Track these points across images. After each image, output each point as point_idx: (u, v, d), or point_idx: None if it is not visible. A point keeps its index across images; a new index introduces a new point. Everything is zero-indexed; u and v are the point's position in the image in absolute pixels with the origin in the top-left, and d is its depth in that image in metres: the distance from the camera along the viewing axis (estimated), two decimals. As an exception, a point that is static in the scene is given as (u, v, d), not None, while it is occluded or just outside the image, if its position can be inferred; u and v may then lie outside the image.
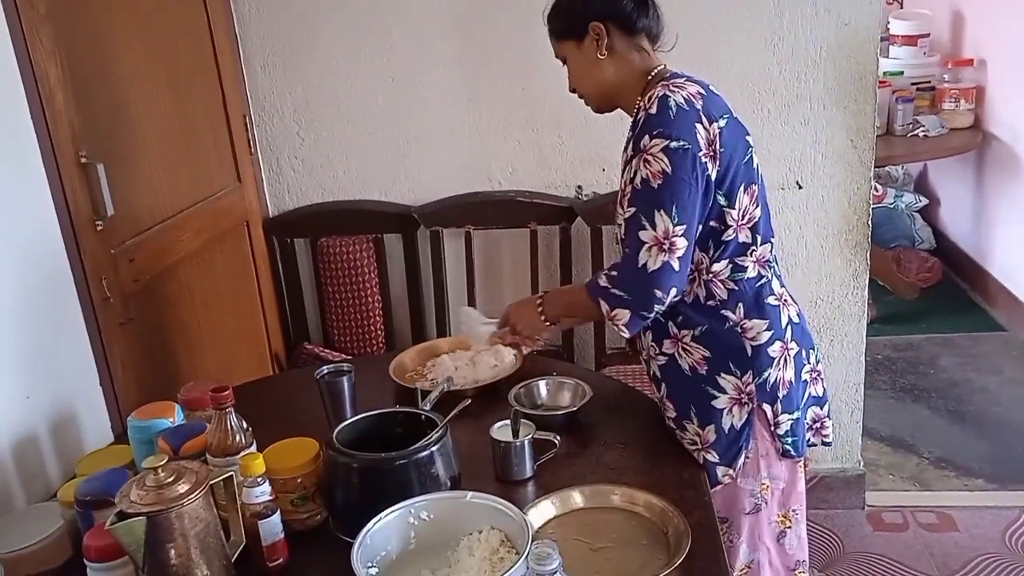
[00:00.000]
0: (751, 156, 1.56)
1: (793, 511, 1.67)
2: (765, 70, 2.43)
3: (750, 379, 1.56)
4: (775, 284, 1.60)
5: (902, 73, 4.16)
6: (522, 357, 1.90)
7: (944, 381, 3.53)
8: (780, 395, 1.57)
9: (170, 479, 1.13)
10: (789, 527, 1.67)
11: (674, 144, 1.44)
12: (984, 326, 3.97)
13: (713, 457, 1.58)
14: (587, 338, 2.75)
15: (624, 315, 1.51)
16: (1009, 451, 3.03)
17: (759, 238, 1.57)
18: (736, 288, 1.56)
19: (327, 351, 2.75)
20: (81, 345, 1.76)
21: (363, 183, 2.72)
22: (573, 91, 1.67)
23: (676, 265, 1.47)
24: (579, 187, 2.65)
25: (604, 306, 1.53)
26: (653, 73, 1.58)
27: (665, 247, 1.46)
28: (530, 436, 1.51)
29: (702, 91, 1.52)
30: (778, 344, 1.57)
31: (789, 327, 1.60)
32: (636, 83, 1.59)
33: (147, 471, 1.13)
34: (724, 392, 1.57)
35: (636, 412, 1.74)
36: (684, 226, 1.46)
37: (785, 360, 1.58)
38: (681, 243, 1.47)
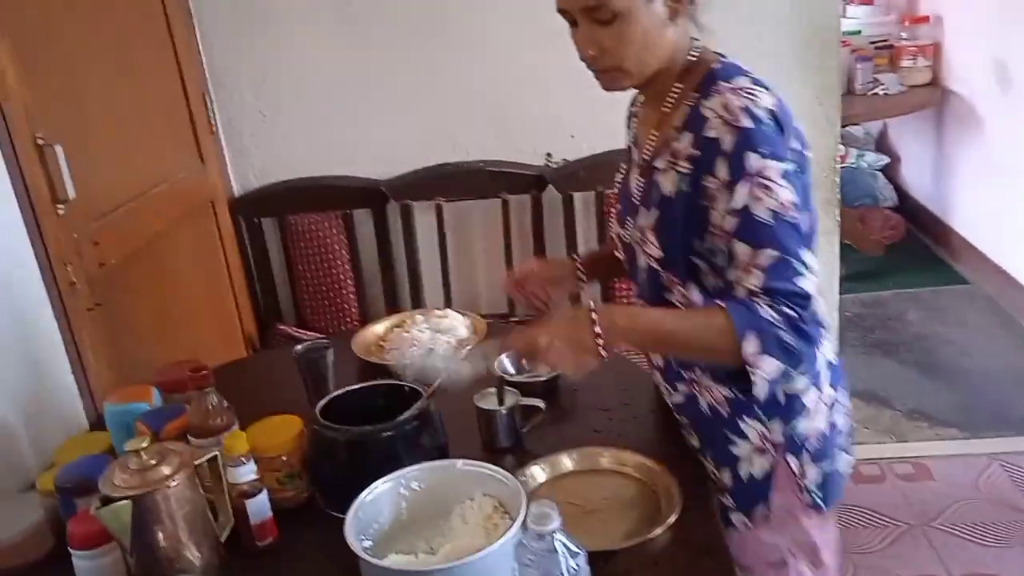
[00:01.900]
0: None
1: (824, 566, 1.41)
2: (726, 27, 2.41)
3: (778, 427, 1.31)
4: (821, 310, 1.22)
5: (860, 32, 4.18)
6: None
7: (913, 335, 3.59)
8: (811, 448, 1.33)
9: (154, 461, 1.10)
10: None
11: (790, 168, 1.16)
12: (949, 280, 4.04)
13: (728, 502, 1.37)
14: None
15: (772, 368, 1.12)
16: (978, 400, 3.10)
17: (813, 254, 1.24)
18: None
19: (301, 331, 2.72)
20: (50, 333, 1.72)
21: (328, 159, 2.68)
22: (592, 59, 1.25)
23: None
24: (548, 154, 2.63)
25: (752, 345, 1.11)
26: (696, 53, 1.28)
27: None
28: (515, 403, 1.50)
29: (777, 100, 1.21)
30: (813, 392, 1.32)
31: (826, 369, 1.34)
32: (681, 60, 1.28)
33: (130, 454, 1.10)
34: (745, 438, 1.33)
35: (620, 375, 1.73)
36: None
37: (818, 408, 1.33)
38: None
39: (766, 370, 1.12)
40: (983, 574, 2.30)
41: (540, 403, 1.54)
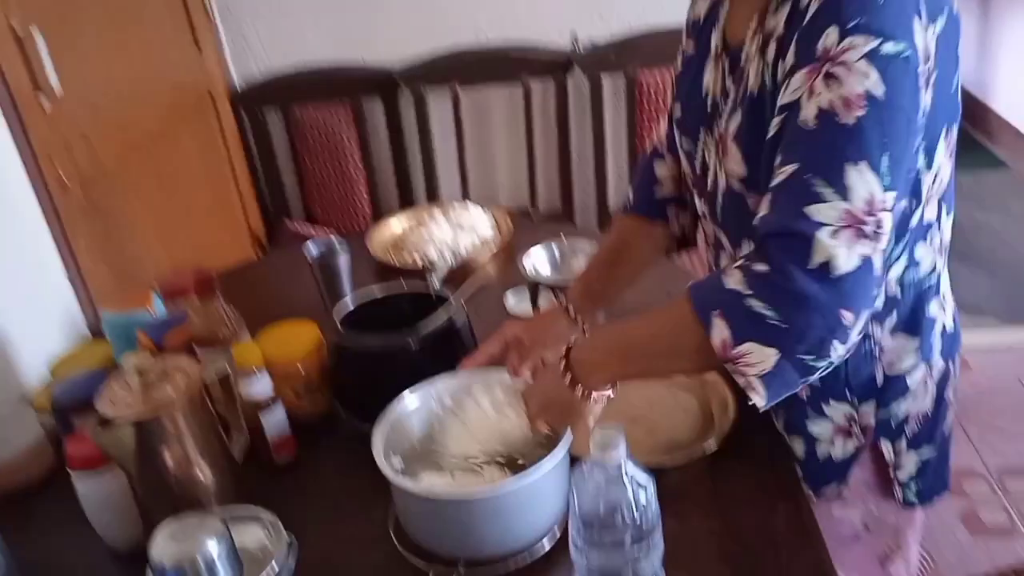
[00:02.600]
0: (959, 78, 0.92)
1: (907, 548, 1.20)
2: None
3: (870, 410, 1.06)
4: (944, 277, 1.03)
5: None
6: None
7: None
8: (909, 433, 1.08)
9: (157, 379, 0.99)
10: (897, 551, 1.20)
11: (889, 48, 0.77)
12: (988, 164, 3.84)
13: (797, 471, 1.13)
14: (587, 199, 2.59)
15: (762, 359, 0.79)
16: (1018, 289, 2.97)
17: (945, 209, 0.99)
18: (899, 293, 0.99)
19: (310, 227, 2.59)
20: (41, 236, 1.59)
21: (336, 45, 2.48)
22: None
23: (879, 263, 0.79)
24: (575, 37, 2.42)
25: (721, 333, 0.80)
26: None
27: (867, 229, 0.77)
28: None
29: None
30: (922, 368, 1.04)
31: (939, 338, 1.05)
32: None
33: (130, 371, 0.98)
34: (827, 419, 1.07)
35: (661, 276, 1.58)
36: (895, 192, 0.79)
37: (926, 387, 1.06)
38: (888, 222, 0.79)
39: (753, 363, 0.79)
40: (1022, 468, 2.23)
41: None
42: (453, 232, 1.81)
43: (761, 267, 0.79)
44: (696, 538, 0.99)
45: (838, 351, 0.79)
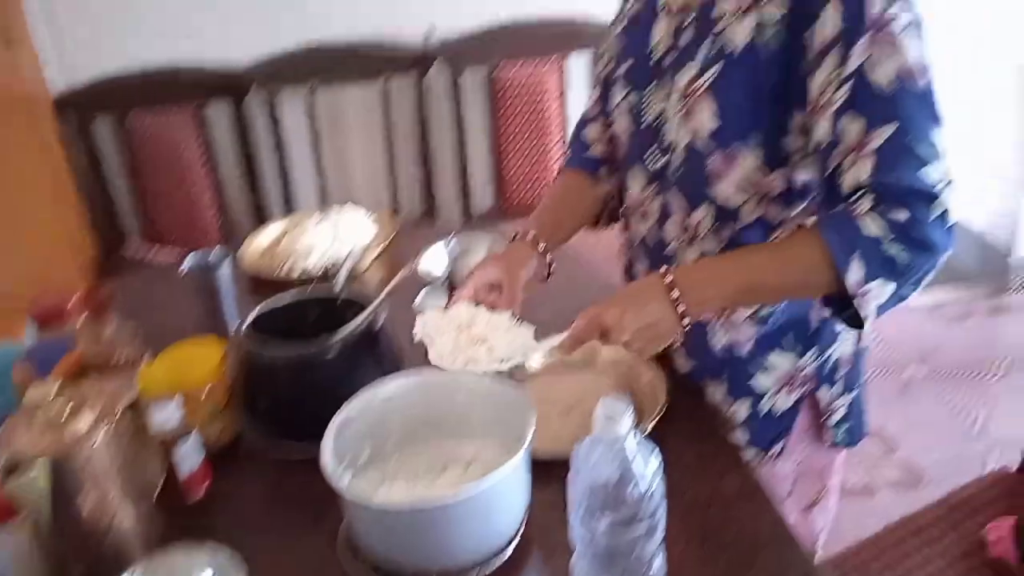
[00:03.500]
0: None
1: (827, 490, 1.27)
2: None
3: (810, 360, 1.13)
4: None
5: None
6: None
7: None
8: (840, 374, 1.16)
9: (66, 411, 0.86)
10: (820, 497, 1.27)
11: (918, 18, 0.91)
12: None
13: (743, 435, 1.18)
14: (450, 200, 2.55)
15: (881, 292, 0.91)
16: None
17: None
18: None
19: (155, 247, 2.38)
20: None
21: (175, 42, 2.29)
22: None
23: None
24: (433, 31, 2.37)
25: (857, 274, 0.90)
26: None
27: (953, 182, 0.91)
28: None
29: None
30: None
31: None
32: None
33: (32, 407, 0.85)
34: (771, 372, 1.14)
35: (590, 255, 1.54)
36: None
37: (848, 330, 1.14)
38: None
39: (875, 295, 0.91)
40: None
41: (489, 300, 1.37)
42: (332, 236, 1.72)
43: (900, 215, 0.89)
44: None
45: (922, 285, 0.94)
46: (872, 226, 0.90)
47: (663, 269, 0.97)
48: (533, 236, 1.16)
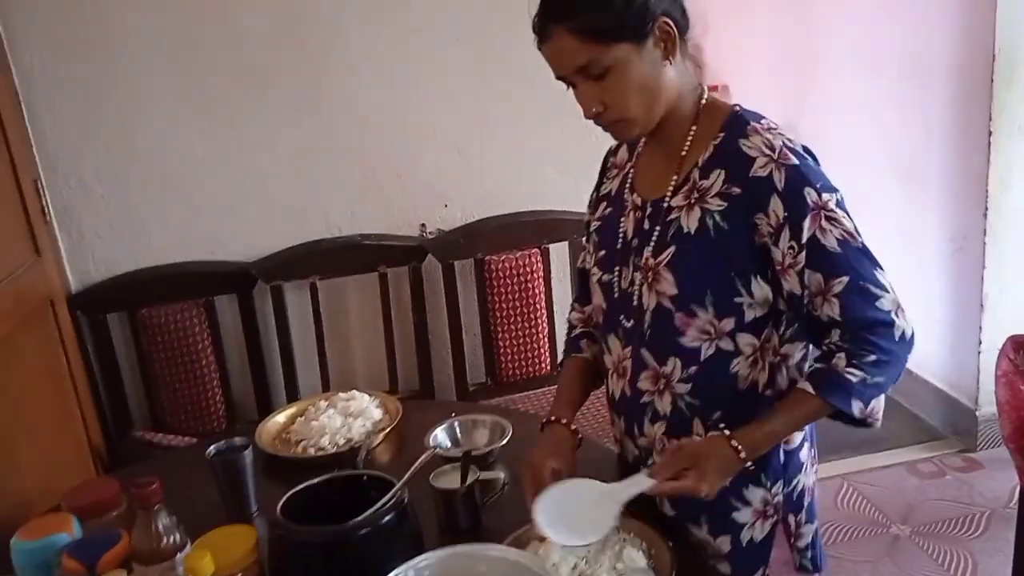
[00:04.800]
0: None
1: None
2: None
3: (779, 489, 1.31)
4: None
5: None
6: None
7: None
8: (805, 503, 1.34)
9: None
10: None
11: (840, 197, 1.20)
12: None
13: (726, 568, 1.33)
14: (446, 378, 2.68)
15: (879, 400, 1.21)
16: (823, 425, 3.28)
17: None
18: (797, 375, 1.28)
19: (161, 435, 2.45)
20: None
21: (186, 243, 2.47)
22: (597, 115, 1.22)
23: None
24: (423, 225, 2.58)
25: (859, 407, 1.18)
26: (706, 96, 1.28)
27: (902, 305, 1.20)
28: (477, 478, 1.42)
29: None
30: (807, 446, 1.34)
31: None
32: (690, 100, 1.26)
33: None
34: (748, 505, 1.31)
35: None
36: None
37: (811, 463, 1.36)
38: None
39: (874, 406, 1.20)
40: None
41: (500, 474, 1.46)
42: (342, 419, 1.82)
43: (871, 357, 1.17)
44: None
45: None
46: (855, 374, 1.17)
47: (726, 432, 1.21)
48: (565, 421, 1.40)
